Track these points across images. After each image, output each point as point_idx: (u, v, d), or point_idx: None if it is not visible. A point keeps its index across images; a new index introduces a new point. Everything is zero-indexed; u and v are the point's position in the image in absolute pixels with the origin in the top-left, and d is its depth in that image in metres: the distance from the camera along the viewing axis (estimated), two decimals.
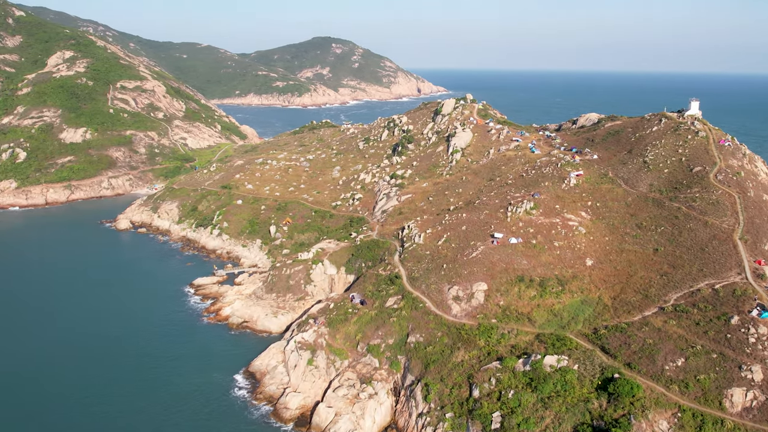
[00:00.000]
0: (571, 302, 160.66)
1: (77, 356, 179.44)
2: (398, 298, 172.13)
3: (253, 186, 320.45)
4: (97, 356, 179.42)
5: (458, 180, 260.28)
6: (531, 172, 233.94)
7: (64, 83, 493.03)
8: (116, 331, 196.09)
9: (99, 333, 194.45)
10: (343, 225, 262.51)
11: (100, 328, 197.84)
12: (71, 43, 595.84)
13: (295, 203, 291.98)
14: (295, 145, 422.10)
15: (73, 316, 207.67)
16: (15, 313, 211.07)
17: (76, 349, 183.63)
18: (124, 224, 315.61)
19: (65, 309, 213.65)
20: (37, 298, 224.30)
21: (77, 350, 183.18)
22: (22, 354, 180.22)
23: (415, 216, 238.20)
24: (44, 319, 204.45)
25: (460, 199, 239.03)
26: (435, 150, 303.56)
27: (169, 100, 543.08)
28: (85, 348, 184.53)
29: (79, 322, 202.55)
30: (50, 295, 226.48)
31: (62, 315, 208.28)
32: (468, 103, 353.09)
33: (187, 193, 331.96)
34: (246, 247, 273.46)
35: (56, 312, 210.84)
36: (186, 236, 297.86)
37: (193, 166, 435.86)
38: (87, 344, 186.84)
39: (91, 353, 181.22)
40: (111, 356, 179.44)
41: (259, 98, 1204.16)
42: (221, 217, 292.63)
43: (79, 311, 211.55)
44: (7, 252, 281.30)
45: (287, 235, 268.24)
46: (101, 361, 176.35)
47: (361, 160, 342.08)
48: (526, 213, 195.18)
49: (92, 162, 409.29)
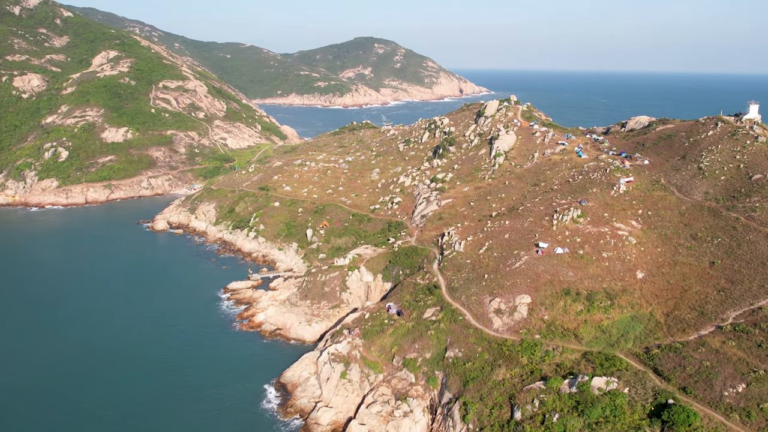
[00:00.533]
0: (621, 318, 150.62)
1: (107, 359, 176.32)
2: (436, 310, 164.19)
3: (291, 188, 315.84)
4: (127, 360, 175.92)
5: (501, 185, 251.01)
6: (578, 177, 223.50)
7: (108, 83, 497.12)
8: (148, 335, 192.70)
9: (130, 336, 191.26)
10: (381, 230, 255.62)
11: (132, 332, 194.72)
12: (116, 43, 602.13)
13: (332, 206, 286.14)
14: (335, 146, 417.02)
15: (106, 318, 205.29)
16: (49, 313, 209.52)
17: (106, 352, 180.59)
18: (162, 225, 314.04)
19: (99, 311, 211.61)
20: (71, 298, 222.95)
21: (107, 353, 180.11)
22: (53, 356, 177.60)
23: (455, 222, 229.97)
24: (76, 321, 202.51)
25: (502, 205, 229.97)
26: (477, 153, 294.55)
27: (210, 100, 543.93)
28: (116, 351, 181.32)
29: (111, 324, 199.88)
30: (85, 296, 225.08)
31: (95, 317, 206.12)
32: (512, 105, 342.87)
33: (225, 195, 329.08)
34: (282, 250, 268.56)
35: (90, 313, 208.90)
36: (222, 238, 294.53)
37: (233, 166, 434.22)
38: (118, 347, 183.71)
39: (121, 357, 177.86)
40: (141, 361, 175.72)
41: (300, 98, 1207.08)
42: (258, 220, 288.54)
43: (112, 313, 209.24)
44: (45, 251, 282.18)
45: (324, 239, 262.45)
46: (131, 365, 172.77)
47: (400, 162, 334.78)
48: (573, 221, 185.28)
49: (132, 162, 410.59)
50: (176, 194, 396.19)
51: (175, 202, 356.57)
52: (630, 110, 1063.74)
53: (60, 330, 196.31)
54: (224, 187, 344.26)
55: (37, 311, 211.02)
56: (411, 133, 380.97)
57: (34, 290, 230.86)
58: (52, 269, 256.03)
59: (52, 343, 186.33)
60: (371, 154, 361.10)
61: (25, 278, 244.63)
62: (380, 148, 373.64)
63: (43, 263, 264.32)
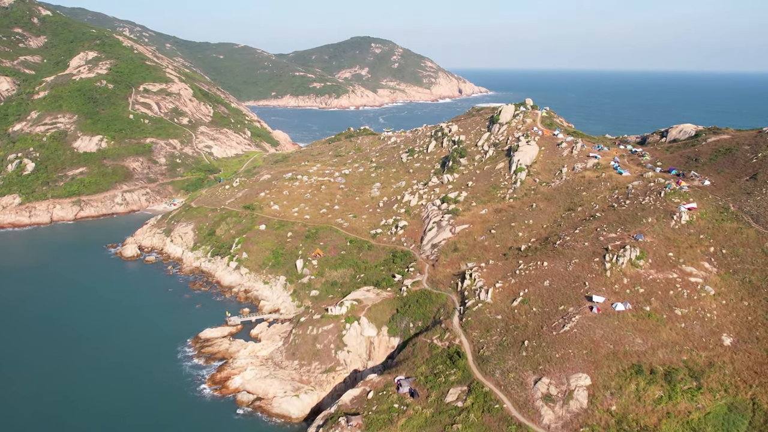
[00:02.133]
0: (715, 409, 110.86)
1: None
2: (463, 390, 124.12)
3: (280, 207, 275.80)
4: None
5: (526, 207, 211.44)
6: (623, 201, 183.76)
7: (83, 86, 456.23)
8: (91, 402, 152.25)
9: (70, 402, 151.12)
10: (384, 261, 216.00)
11: (73, 395, 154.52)
12: (96, 43, 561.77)
13: (327, 230, 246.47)
14: (330, 155, 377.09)
15: (43, 374, 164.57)
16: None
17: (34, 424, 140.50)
18: (131, 251, 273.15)
19: (35, 365, 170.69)
20: (4, 347, 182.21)
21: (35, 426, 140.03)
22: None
23: (474, 254, 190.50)
24: (4, 379, 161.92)
25: (531, 234, 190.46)
26: (494, 167, 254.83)
27: (195, 104, 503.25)
28: (49, 423, 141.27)
29: (48, 383, 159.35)
30: (18, 349, 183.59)
31: (29, 373, 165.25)
32: (529, 110, 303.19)
33: (205, 214, 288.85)
34: (268, 284, 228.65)
35: (23, 369, 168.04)
36: (200, 267, 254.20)
37: (218, 178, 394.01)
38: (52, 417, 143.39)
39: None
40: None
41: (295, 100, 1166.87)
42: (240, 246, 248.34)
43: (51, 368, 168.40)
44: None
45: (317, 272, 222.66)
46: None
47: (404, 175, 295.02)
48: (632, 265, 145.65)
49: (106, 174, 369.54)
50: (154, 211, 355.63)
51: (150, 221, 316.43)
52: (638, 111, 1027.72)
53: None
54: (205, 204, 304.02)
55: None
56: (415, 141, 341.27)
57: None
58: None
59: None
60: (371, 166, 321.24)
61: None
62: (381, 158, 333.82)
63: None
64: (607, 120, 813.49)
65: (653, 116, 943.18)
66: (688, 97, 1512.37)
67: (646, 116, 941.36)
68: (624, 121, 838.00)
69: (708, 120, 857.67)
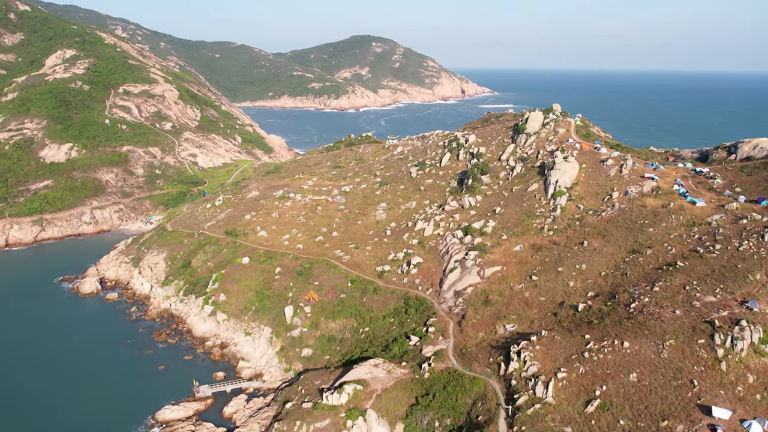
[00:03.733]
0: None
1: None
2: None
3: (268, 233, 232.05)
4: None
5: (574, 244, 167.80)
6: (712, 245, 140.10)
7: (55, 88, 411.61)
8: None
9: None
10: (395, 310, 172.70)
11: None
12: (75, 40, 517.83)
13: (323, 264, 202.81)
14: (328, 166, 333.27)
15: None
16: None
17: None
18: (90, 286, 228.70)
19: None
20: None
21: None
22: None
23: (513, 309, 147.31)
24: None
25: (586, 285, 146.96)
26: (525, 188, 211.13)
27: (181, 107, 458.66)
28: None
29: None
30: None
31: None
32: (560, 118, 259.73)
33: (180, 240, 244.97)
34: (249, 335, 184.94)
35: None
36: (169, 310, 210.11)
37: (202, 191, 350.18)
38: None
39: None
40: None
41: (293, 100, 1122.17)
42: (218, 286, 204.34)
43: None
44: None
45: (310, 322, 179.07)
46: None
47: (414, 193, 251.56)
48: (756, 352, 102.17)
49: (74, 188, 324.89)
50: (126, 231, 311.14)
51: (120, 245, 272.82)
52: (648, 112, 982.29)
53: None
54: (181, 227, 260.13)
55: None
56: (425, 151, 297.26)
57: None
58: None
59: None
60: (375, 181, 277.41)
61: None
62: (386, 171, 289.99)
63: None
64: (619, 122, 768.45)
65: (665, 118, 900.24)
66: (692, 97, 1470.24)
67: (657, 118, 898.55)
68: (637, 124, 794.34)
69: (730, 124, 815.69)
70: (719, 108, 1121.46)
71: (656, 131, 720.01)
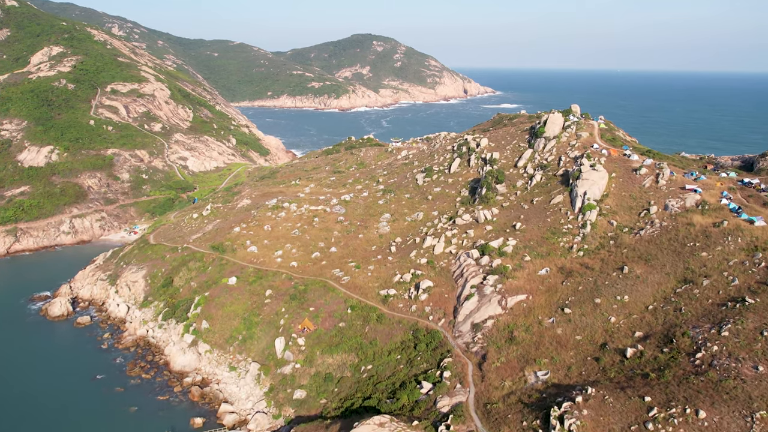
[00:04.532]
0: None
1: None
2: None
3: (258, 248, 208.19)
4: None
5: (610, 269, 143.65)
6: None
7: (38, 86, 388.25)
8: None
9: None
10: (402, 344, 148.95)
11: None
12: (63, 37, 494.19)
13: (320, 286, 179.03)
14: (327, 171, 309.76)
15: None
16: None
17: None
18: (60, 308, 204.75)
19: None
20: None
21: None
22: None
23: (544, 351, 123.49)
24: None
25: (631, 322, 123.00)
26: (547, 200, 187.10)
27: (172, 108, 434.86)
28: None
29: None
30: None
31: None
32: (581, 120, 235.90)
33: (162, 255, 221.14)
34: (235, 371, 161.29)
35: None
36: (146, 337, 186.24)
37: (191, 197, 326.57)
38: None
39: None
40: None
41: (292, 100, 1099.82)
42: (200, 311, 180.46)
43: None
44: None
45: (304, 357, 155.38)
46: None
47: (421, 203, 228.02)
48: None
49: (52, 195, 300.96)
50: (108, 241, 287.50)
51: (98, 259, 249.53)
52: (660, 114, 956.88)
53: None
54: (164, 240, 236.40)
55: None
56: (431, 156, 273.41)
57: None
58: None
59: None
60: (377, 189, 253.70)
61: None
62: (389, 178, 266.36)
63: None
64: (630, 124, 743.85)
65: (675, 119, 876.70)
66: (697, 96, 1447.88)
67: (669, 119, 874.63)
68: (649, 126, 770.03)
69: (741, 125, 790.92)
70: (729, 109, 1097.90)
71: (667, 133, 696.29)
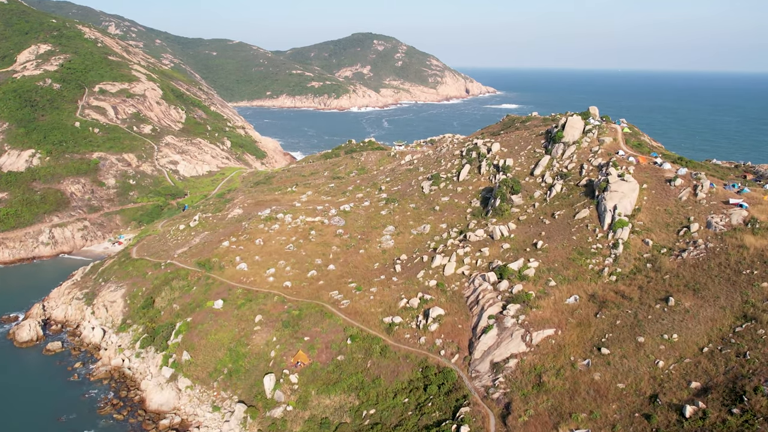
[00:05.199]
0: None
1: None
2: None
3: (249, 265, 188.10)
4: None
5: (652, 300, 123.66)
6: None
7: (21, 86, 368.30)
8: None
9: None
10: (409, 385, 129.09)
11: None
12: (52, 35, 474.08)
13: (316, 312, 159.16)
14: (326, 177, 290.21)
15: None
16: None
17: None
18: (29, 332, 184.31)
19: None
20: None
21: None
22: None
23: (580, 403, 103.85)
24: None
25: (684, 368, 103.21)
26: (570, 213, 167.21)
27: (164, 108, 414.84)
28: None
29: None
30: None
31: None
32: (603, 124, 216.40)
33: (144, 272, 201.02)
34: (218, 411, 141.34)
35: None
36: (121, 368, 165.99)
37: (181, 204, 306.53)
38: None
39: None
40: None
41: (292, 100, 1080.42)
42: (181, 339, 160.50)
43: None
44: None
45: (297, 398, 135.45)
46: None
47: (428, 214, 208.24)
48: None
49: (32, 202, 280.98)
50: (90, 253, 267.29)
51: (76, 274, 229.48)
52: (666, 114, 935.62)
53: None
54: (147, 254, 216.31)
55: None
56: (438, 162, 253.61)
57: None
58: None
59: None
60: (379, 197, 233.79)
61: None
62: (392, 185, 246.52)
63: None
64: (636, 125, 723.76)
65: (683, 121, 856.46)
66: (700, 96, 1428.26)
67: (677, 121, 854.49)
68: (657, 128, 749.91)
69: (754, 129, 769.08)
70: (737, 111, 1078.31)
71: (678, 135, 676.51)
